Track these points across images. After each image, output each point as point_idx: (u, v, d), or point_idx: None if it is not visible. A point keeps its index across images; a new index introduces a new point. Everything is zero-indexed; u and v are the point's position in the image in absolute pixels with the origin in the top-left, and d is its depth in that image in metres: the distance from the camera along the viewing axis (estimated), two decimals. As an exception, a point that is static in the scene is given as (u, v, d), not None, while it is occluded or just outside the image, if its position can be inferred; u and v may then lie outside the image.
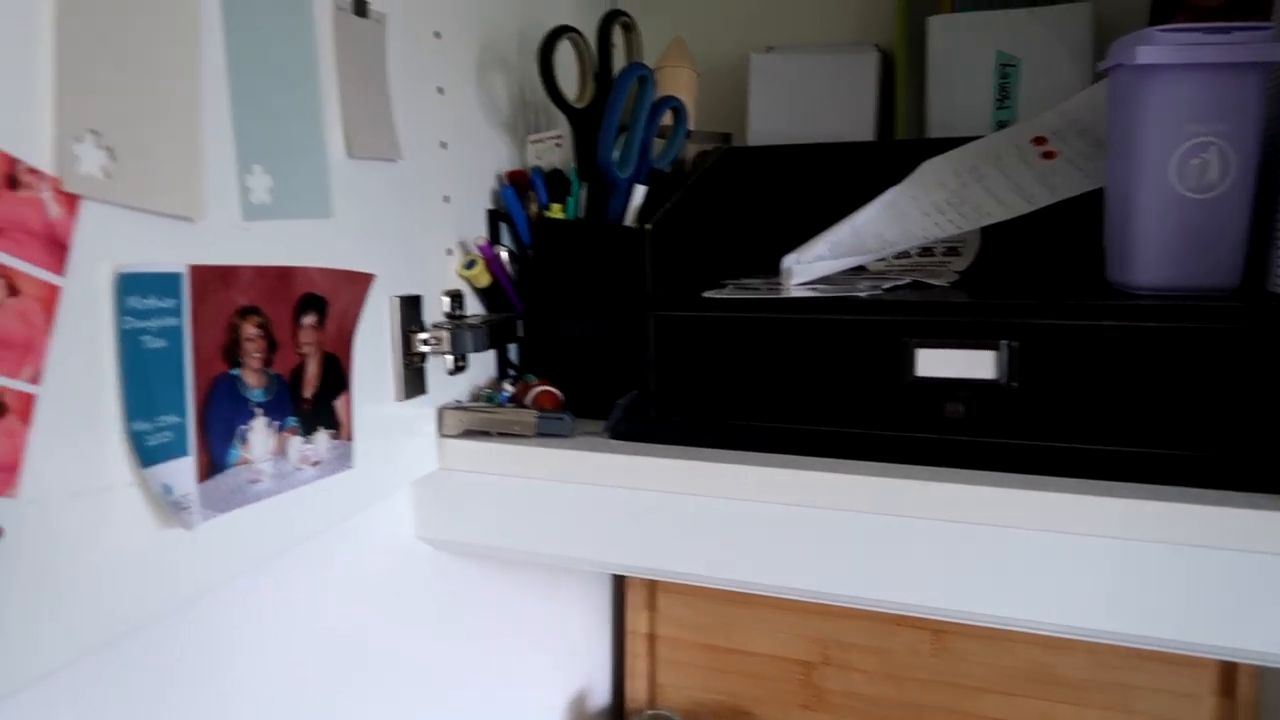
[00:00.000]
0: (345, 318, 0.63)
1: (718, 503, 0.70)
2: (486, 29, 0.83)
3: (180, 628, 0.54)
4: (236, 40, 0.54)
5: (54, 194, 0.43)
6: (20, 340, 0.41)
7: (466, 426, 0.76)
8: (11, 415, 0.41)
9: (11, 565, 0.41)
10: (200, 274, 0.50)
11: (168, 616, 0.52)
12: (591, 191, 0.83)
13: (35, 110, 0.42)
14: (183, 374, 0.50)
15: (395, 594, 0.77)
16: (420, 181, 0.73)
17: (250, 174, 0.55)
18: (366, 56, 0.66)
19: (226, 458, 0.53)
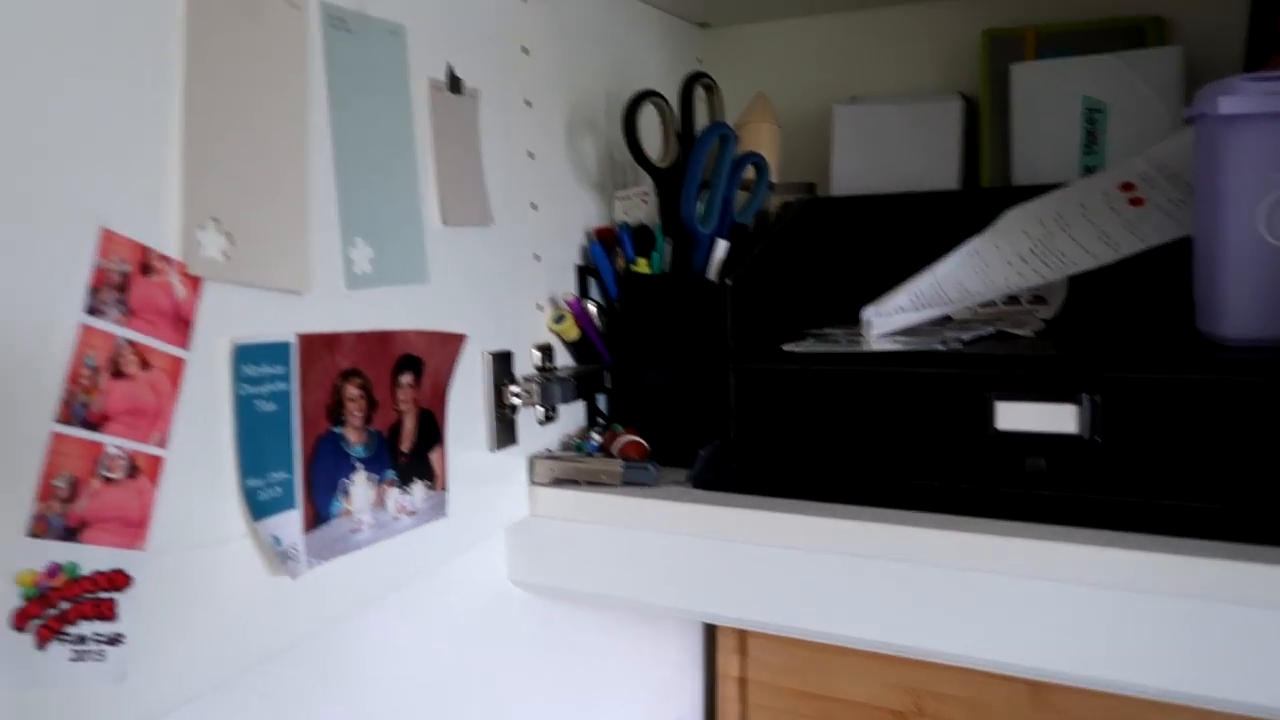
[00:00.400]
0: (440, 375, 0.67)
1: (798, 553, 0.71)
2: (575, 96, 0.87)
3: (290, 667, 0.59)
4: (341, 124, 0.59)
5: (180, 277, 0.48)
6: (150, 409, 0.46)
7: (556, 475, 0.80)
8: (142, 476, 0.46)
9: (142, 611, 0.45)
10: (307, 342, 0.55)
11: (279, 656, 0.56)
12: (676, 246, 0.86)
13: (165, 203, 0.47)
14: (291, 433, 0.54)
15: (490, 635, 0.80)
16: (512, 242, 0.78)
17: (353, 246, 0.60)
18: (461, 130, 0.71)
19: (330, 509, 0.57)
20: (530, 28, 0.81)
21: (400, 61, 0.65)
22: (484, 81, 0.73)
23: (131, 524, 0.45)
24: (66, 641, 0.42)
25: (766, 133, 0.95)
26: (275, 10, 0.54)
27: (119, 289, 0.44)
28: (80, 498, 0.43)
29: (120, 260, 0.45)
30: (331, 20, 0.59)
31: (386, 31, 0.64)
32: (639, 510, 0.76)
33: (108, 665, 0.43)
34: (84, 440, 0.43)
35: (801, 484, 0.74)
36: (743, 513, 0.73)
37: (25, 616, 0.40)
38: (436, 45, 0.68)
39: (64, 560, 0.42)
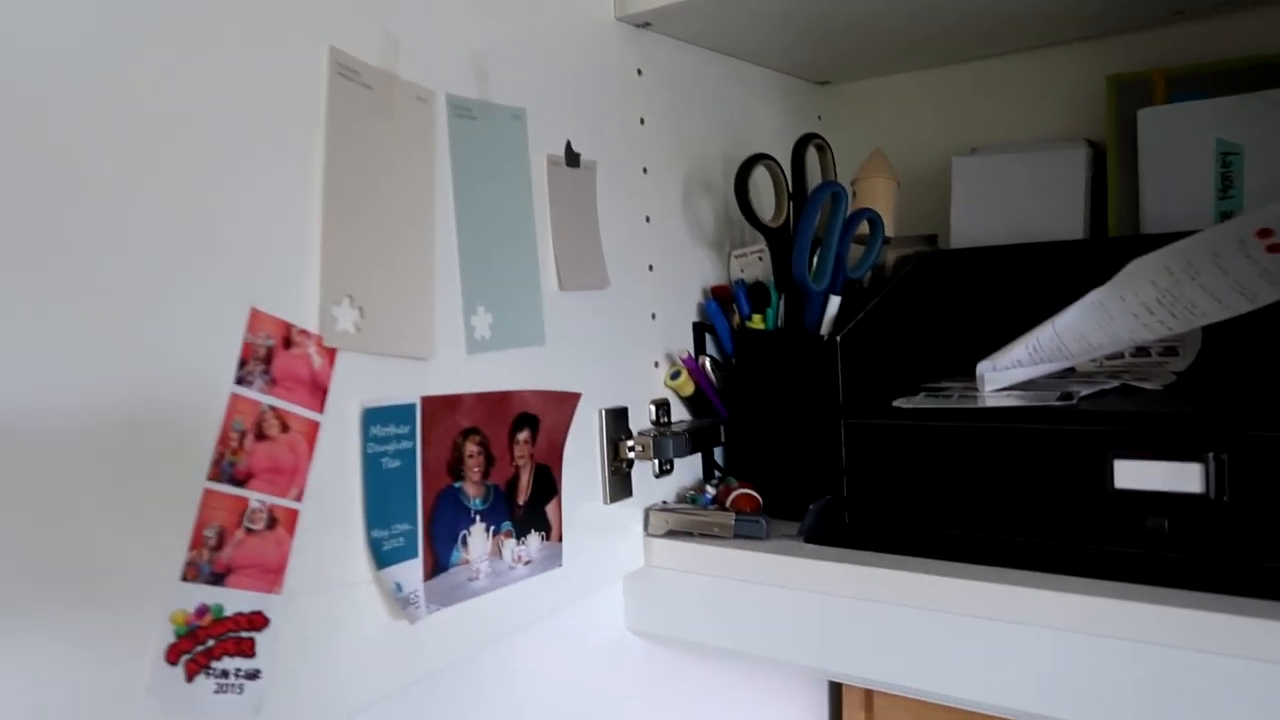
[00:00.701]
0: (556, 432, 0.71)
1: (909, 611, 0.71)
2: (691, 160, 0.91)
3: (412, 706, 0.63)
4: (464, 202, 0.64)
5: (317, 348, 0.54)
6: (289, 467, 0.52)
7: (670, 527, 0.82)
8: (280, 527, 0.51)
9: (277, 649, 0.51)
10: (430, 404, 0.60)
11: (400, 695, 0.61)
12: (789, 302, 0.87)
13: (305, 283, 0.53)
14: (414, 488, 0.59)
15: (610, 682, 0.83)
16: (628, 302, 0.81)
17: (474, 314, 0.65)
18: (578, 200, 0.76)
19: (449, 559, 0.62)
20: (646, 99, 0.85)
21: (520, 142, 0.70)
22: (601, 153, 0.78)
23: (270, 570, 0.51)
24: (211, 675, 0.47)
25: (883, 187, 0.95)
26: (405, 106, 0.60)
27: (264, 361, 0.50)
28: (226, 546, 0.48)
29: (266, 335, 0.51)
30: (457, 110, 0.64)
31: (509, 116, 0.69)
32: (750, 563, 0.78)
33: (246, 698, 0.49)
34: (231, 495, 0.49)
35: (913, 540, 0.74)
36: (853, 568, 0.73)
37: (177, 652, 0.46)
38: (556, 123, 0.73)
39: (211, 602, 0.48)
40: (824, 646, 0.75)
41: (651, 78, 0.86)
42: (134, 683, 0.44)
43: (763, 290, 0.91)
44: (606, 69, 0.80)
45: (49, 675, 0.41)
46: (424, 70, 0.61)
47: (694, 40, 0.91)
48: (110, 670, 0.44)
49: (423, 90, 0.61)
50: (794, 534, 0.79)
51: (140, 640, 0.45)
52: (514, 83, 0.69)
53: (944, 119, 1.09)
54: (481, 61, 0.66)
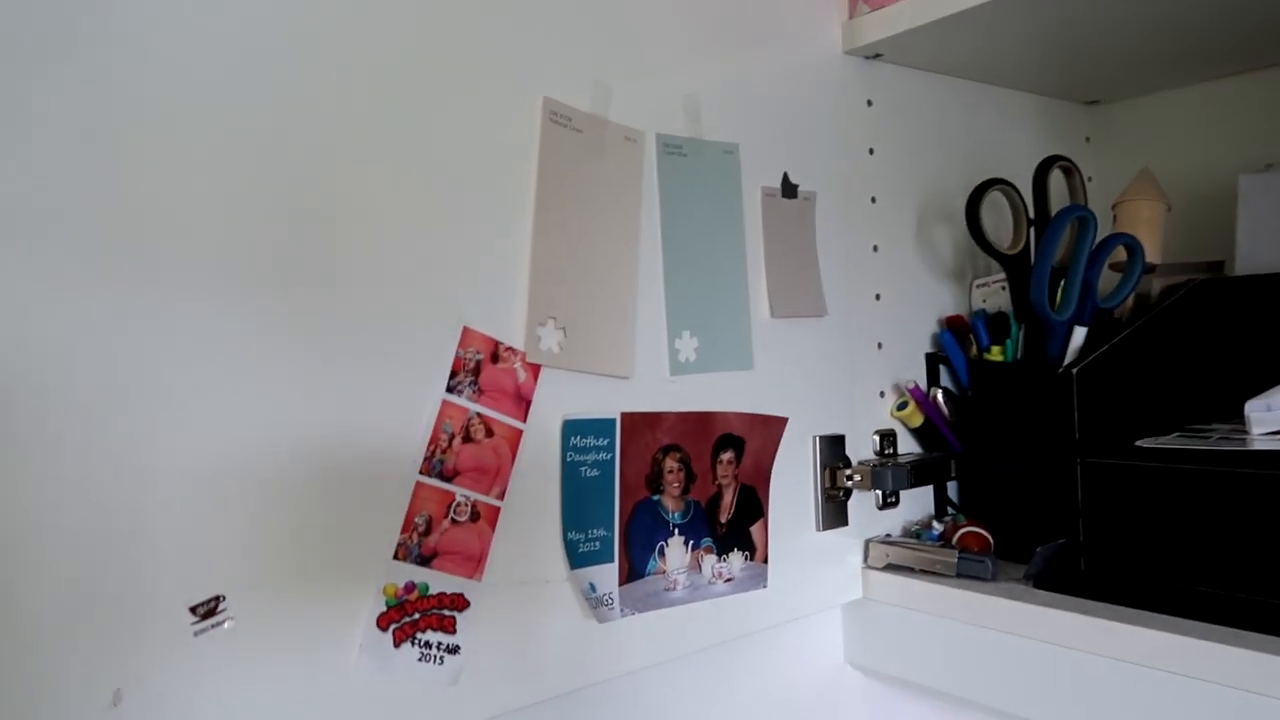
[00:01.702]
0: (762, 454, 0.73)
1: (1149, 673, 0.64)
2: (926, 190, 0.89)
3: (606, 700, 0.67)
4: (672, 233, 0.69)
5: (522, 364, 0.60)
6: (492, 468, 0.58)
7: (890, 560, 0.80)
8: (483, 521, 0.58)
9: (475, 630, 0.57)
10: (630, 419, 0.65)
11: (597, 686, 0.65)
12: (1030, 333, 0.83)
13: (514, 306, 0.60)
14: (612, 497, 0.64)
15: (821, 710, 0.82)
16: (851, 331, 0.81)
17: (679, 338, 0.69)
18: (794, 230, 0.77)
19: (645, 567, 0.65)
20: (876, 129, 0.85)
21: (733, 175, 0.73)
22: (823, 184, 0.79)
23: (472, 558, 0.57)
24: (416, 644, 0.54)
25: (1147, 211, 0.88)
26: (614, 145, 0.66)
27: (473, 373, 0.57)
28: (434, 533, 0.55)
29: (475, 351, 0.58)
30: (667, 148, 0.69)
31: (720, 151, 0.73)
32: (972, 604, 0.74)
33: (445, 669, 0.55)
34: (439, 489, 0.56)
35: (1157, 595, 0.67)
36: (1088, 620, 0.68)
37: (387, 620, 0.53)
38: (772, 156, 0.76)
39: (418, 580, 0.55)
40: (1053, 703, 0.69)
41: (883, 108, 0.86)
42: (350, 640, 0.52)
43: (1004, 321, 0.86)
44: (832, 102, 0.81)
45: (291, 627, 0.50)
46: (635, 112, 0.66)
47: (931, 67, 0.90)
48: (334, 627, 0.51)
49: (632, 131, 0.66)
50: (1020, 578, 0.75)
51: (357, 605, 0.52)
52: (728, 120, 0.73)
53: (1230, 135, 0.98)
54: (694, 102, 0.71)
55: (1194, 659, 0.62)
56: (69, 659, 0.43)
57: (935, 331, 0.89)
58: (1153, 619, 0.65)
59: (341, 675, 0.51)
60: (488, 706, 0.57)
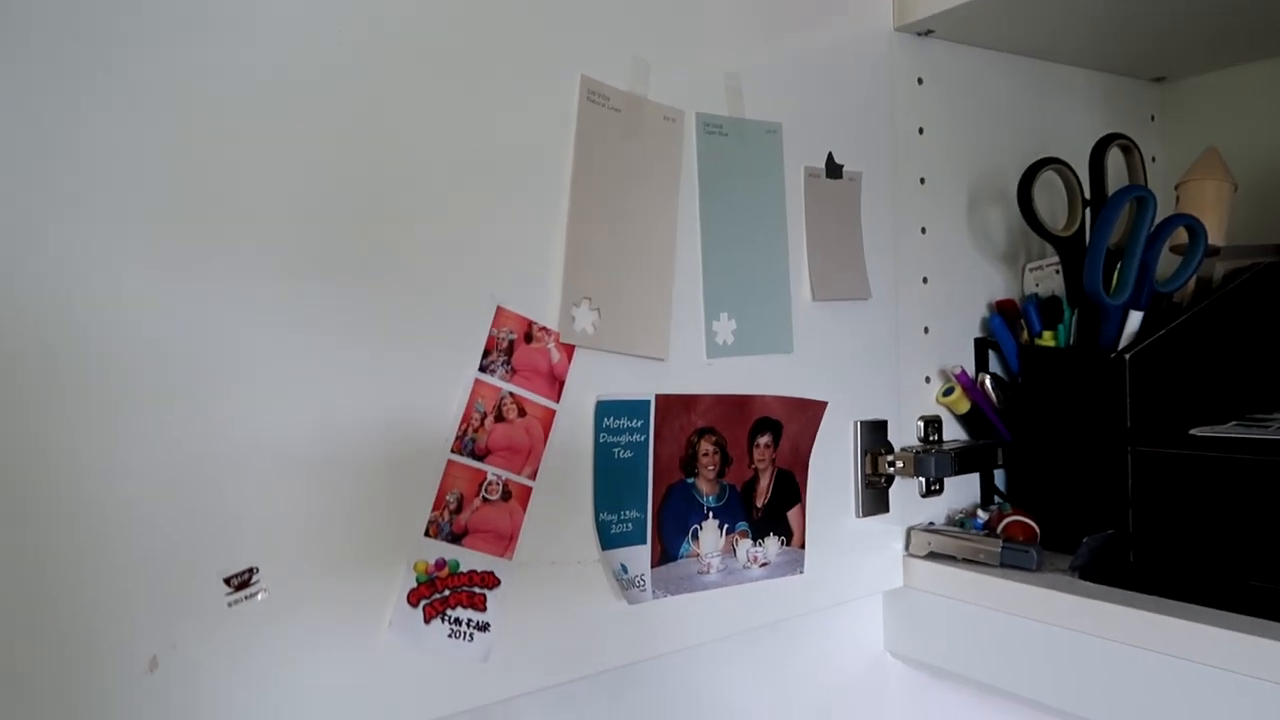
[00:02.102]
0: (800, 439, 0.72)
1: (1202, 670, 0.62)
2: (979, 170, 0.87)
3: (638, 682, 0.67)
4: (711, 215, 0.68)
5: (556, 344, 0.60)
6: (524, 448, 0.58)
7: (933, 549, 0.79)
8: (514, 500, 0.58)
9: (506, 608, 0.57)
10: (664, 401, 0.64)
11: (628, 668, 0.65)
12: (1083, 318, 0.80)
13: (548, 287, 0.60)
14: (645, 479, 0.63)
15: (861, 700, 0.81)
16: (897, 315, 0.80)
17: (716, 320, 0.68)
18: (838, 211, 0.76)
19: (678, 550, 0.65)
20: (927, 108, 0.83)
21: (775, 155, 0.72)
22: (870, 164, 0.78)
23: (503, 537, 0.57)
24: (446, 621, 0.55)
25: (1213, 191, 0.84)
26: (653, 124, 0.65)
27: (506, 353, 0.58)
28: (465, 511, 0.56)
29: (509, 330, 0.58)
30: (707, 128, 0.68)
31: (763, 131, 0.72)
32: (1016, 595, 0.72)
33: (475, 646, 0.56)
34: (471, 467, 0.56)
35: (1208, 589, 0.65)
36: (1135, 613, 0.66)
37: (417, 596, 0.54)
38: (817, 136, 0.74)
39: (449, 557, 0.55)
40: (1100, 699, 0.68)
41: (933, 86, 0.84)
42: (381, 616, 0.53)
43: (1057, 306, 0.84)
44: (881, 80, 0.79)
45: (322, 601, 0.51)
46: (674, 91, 0.66)
47: (986, 44, 0.87)
48: (365, 602, 0.52)
49: (671, 110, 0.66)
50: (1066, 569, 0.73)
51: (388, 582, 0.53)
52: (771, 99, 0.71)
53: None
54: (736, 80, 0.69)
55: (1246, 655, 0.59)
56: (107, 624, 0.45)
57: (985, 316, 0.87)
58: (1203, 613, 0.63)
59: (372, 650, 0.52)
60: (518, 684, 0.58)
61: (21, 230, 0.43)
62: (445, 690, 0.55)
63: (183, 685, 0.46)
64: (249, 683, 0.48)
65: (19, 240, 0.43)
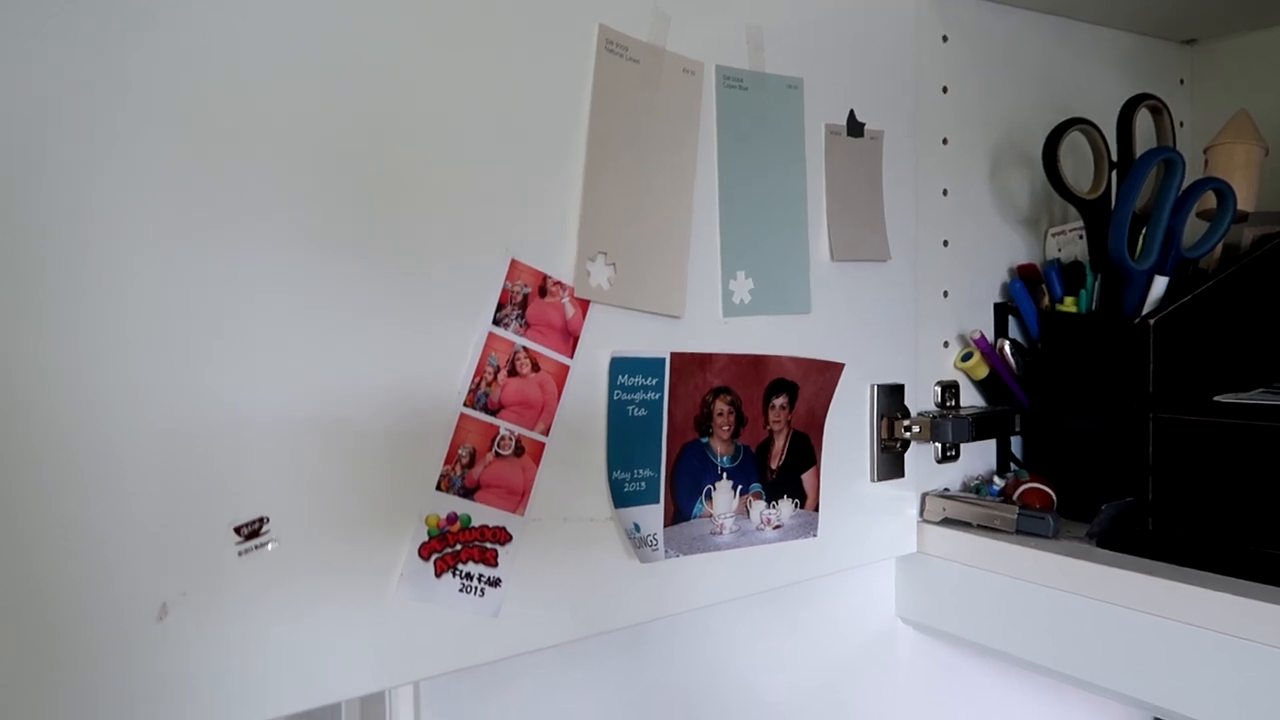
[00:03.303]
0: (816, 401, 0.71)
1: (1221, 639, 0.61)
2: (1002, 132, 0.85)
3: (649, 641, 0.67)
4: (729, 171, 0.67)
5: (571, 299, 0.59)
6: (537, 403, 0.58)
7: (947, 514, 0.78)
8: (527, 456, 0.57)
9: (517, 564, 0.57)
10: (679, 359, 0.63)
11: (640, 627, 0.65)
12: (1106, 284, 0.79)
13: (563, 241, 0.59)
14: (659, 438, 0.63)
15: (871, 665, 0.81)
16: (916, 278, 0.78)
17: (733, 279, 0.67)
18: (859, 170, 0.74)
19: (691, 510, 0.64)
20: (951, 67, 0.81)
21: (795, 111, 0.71)
22: (892, 122, 0.76)
23: (515, 492, 0.57)
24: (457, 575, 0.54)
25: (1243, 154, 0.82)
26: (671, 77, 0.64)
27: (520, 306, 0.57)
28: (477, 465, 0.55)
29: (523, 284, 0.57)
30: (727, 81, 0.67)
31: (784, 86, 0.70)
32: (1032, 561, 0.72)
33: (486, 601, 0.55)
34: (484, 422, 0.55)
35: (1229, 558, 0.64)
36: (1154, 581, 0.65)
37: (429, 550, 0.53)
38: (838, 93, 0.73)
39: (460, 512, 0.55)
40: (1116, 667, 0.67)
41: (959, 44, 0.82)
42: (392, 569, 0.52)
43: (1079, 271, 0.82)
44: (904, 36, 0.77)
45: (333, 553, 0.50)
46: (694, 43, 0.64)
47: (1012, 1, 0.85)
48: (376, 555, 0.52)
49: (690, 63, 0.64)
50: (1084, 537, 0.72)
51: (399, 535, 0.53)
52: (793, 53, 0.70)
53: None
54: (757, 34, 0.68)
55: (1268, 625, 0.59)
56: (116, 569, 0.44)
57: (1005, 281, 0.86)
58: (1224, 582, 0.62)
59: (382, 602, 0.52)
60: (529, 640, 0.57)
61: (22, 194, 0.42)
62: (455, 645, 0.54)
63: (193, 633, 0.46)
64: (259, 631, 0.48)
65: (21, 202, 0.42)
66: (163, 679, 0.45)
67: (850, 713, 0.80)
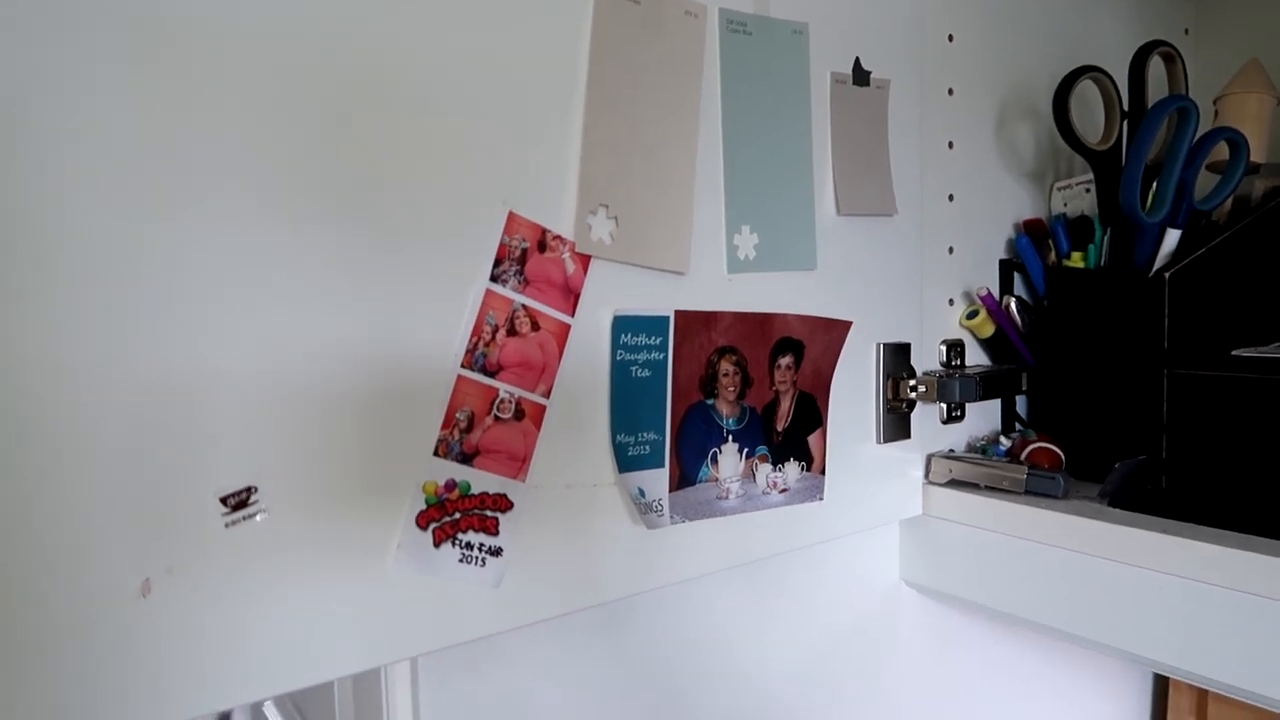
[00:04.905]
0: (822, 361, 0.69)
1: (1238, 596, 0.60)
2: (1009, 81, 0.82)
3: (653, 609, 0.65)
4: (733, 120, 0.63)
5: (571, 254, 0.56)
6: (538, 364, 0.55)
7: (954, 476, 0.76)
8: (528, 420, 0.55)
9: (519, 532, 0.54)
10: (684, 318, 0.61)
11: (644, 595, 0.63)
12: (1116, 237, 0.77)
13: (563, 193, 0.55)
14: (664, 400, 0.60)
15: (875, 629, 0.80)
16: (921, 233, 0.76)
17: (738, 234, 0.64)
18: (865, 121, 0.72)
19: (697, 474, 0.62)
20: (958, 14, 0.78)
21: (801, 58, 0.67)
22: (898, 72, 0.73)
23: (516, 458, 0.54)
24: (457, 545, 0.52)
25: (1255, 104, 0.80)
26: (674, 20, 0.60)
27: (519, 262, 0.54)
28: (476, 430, 0.52)
29: (521, 238, 0.54)
30: (730, 25, 0.63)
31: (789, 31, 0.67)
32: (1041, 522, 0.70)
33: (487, 571, 0.53)
34: (482, 384, 0.52)
35: (1246, 515, 0.62)
36: (1168, 539, 0.64)
37: (427, 519, 0.51)
38: (844, 39, 0.70)
39: (459, 479, 0.52)
40: (1127, 626, 0.66)
41: (964, -11, 0.79)
42: (389, 539, 0.49)
43: (1086, 226, 0.80)
44: (909, -19, 0.74)
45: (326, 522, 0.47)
46: (696, -16, 0.61)
47: (1020, -54, 0.82)
48: (372, 524, 0.49)
49: (693, 5, 0.61)
50: (1095, 496, 0.70)
51: (396, 503, 0.50)
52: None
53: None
54: (761, -26, 0.65)
55: (1286, 585, 0.57)
56: (94, 545, 0.41)
57: (1010, 237, 0.84)
58: (1240, 539, 0.61)
59: (379, 574, 0.49)
60: (531, 611, 0.55)
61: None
62: (455, 617, 0.52)
63: (179, 609, 0.43)
64: (249, 607, 0.45)
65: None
66: (145, 658, 0.43)
67: (855, 677, 0.78)
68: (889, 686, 0.81)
